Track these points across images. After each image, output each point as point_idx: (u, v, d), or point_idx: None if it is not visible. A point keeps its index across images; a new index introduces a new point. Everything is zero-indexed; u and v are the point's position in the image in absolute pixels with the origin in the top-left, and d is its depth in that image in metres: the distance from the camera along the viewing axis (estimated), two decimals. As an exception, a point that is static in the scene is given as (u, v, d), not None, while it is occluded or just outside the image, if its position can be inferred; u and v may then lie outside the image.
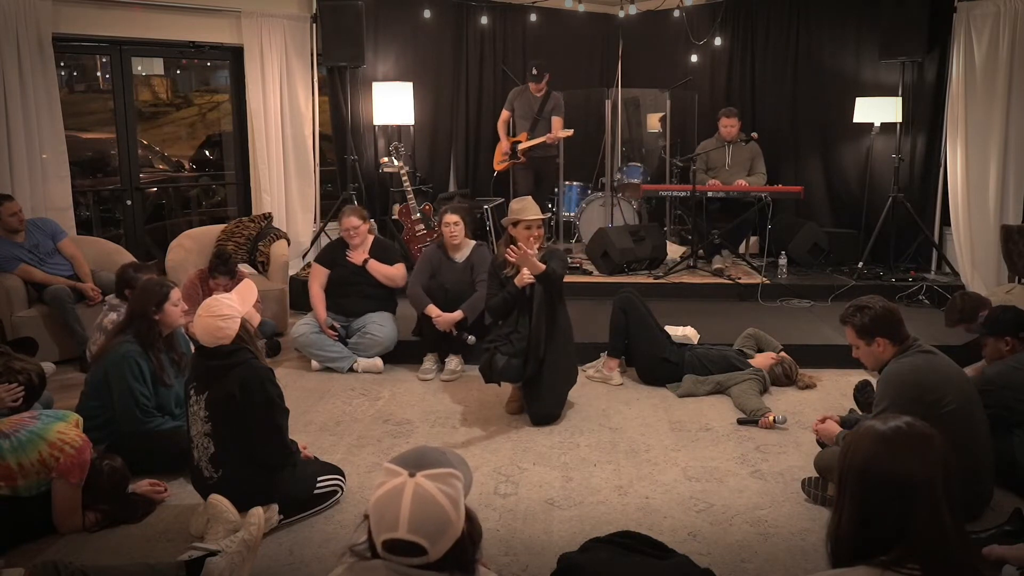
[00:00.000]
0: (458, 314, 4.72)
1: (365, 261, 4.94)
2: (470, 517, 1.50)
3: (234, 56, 6.72)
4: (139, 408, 3.38)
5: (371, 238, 5.08)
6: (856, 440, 1.56)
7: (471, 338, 4.79)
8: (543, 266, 3.85)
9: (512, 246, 3.97)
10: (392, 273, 4.98)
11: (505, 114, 7.09)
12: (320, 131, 7.27)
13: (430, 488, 1.42)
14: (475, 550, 1.50)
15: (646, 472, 3.53)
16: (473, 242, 5.01)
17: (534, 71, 6.79)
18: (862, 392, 3.86)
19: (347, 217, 4.96)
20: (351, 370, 4.88)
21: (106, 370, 3.40)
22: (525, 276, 3.92)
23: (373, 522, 1.44)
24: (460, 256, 4.94)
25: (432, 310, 4.73)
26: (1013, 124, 5.91)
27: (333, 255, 5.05)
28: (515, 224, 4.09)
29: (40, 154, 5.59)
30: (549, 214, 4.45)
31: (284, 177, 6.91)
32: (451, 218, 4.86)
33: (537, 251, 3.96)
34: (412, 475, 1.43)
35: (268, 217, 6.33)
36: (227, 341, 2.90)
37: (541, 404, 4.04)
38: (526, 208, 4.07)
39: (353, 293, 4.97)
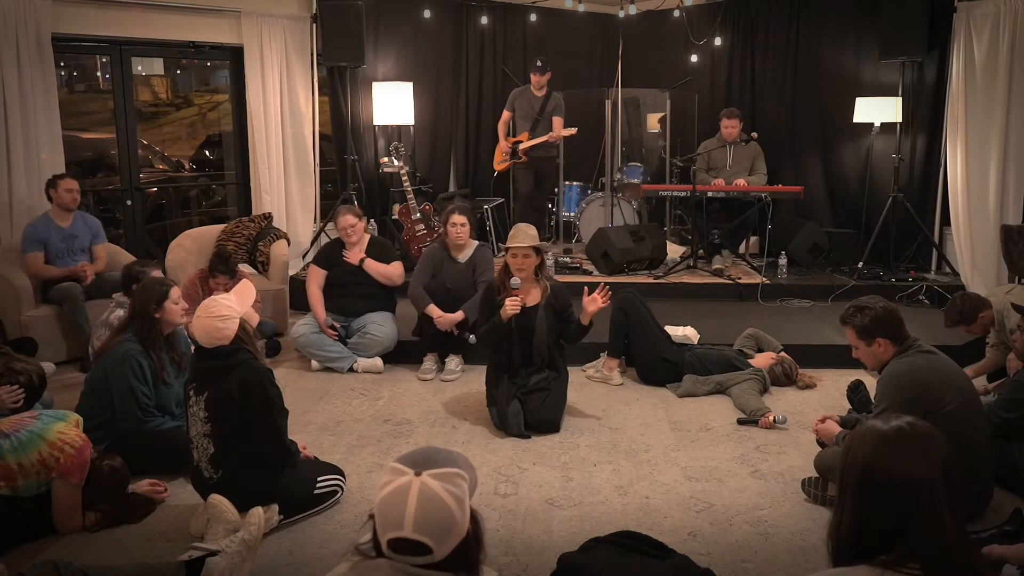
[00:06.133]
0: (459, 315, 4.72)
1: (362, 260, 4.94)
2: (475, 518, 1.49)
3: (234, 56, 6.72)
4: (139, 407, 3.38)
5: (368, 237, 5.08)
6: (858, 439, 1.56)
7: (472, 337, 4.78)
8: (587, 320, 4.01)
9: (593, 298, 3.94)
10: (389, 272, 4.98)
11: (506, 115, 7.09)
12: (320, 131, 7.28)
13: (436, 487, 1.42)
14: (479, 550, 1.50)
15: (646, 472, 3.53)
16: (476, 242, 5.01)
17: (539, 63, 6.79)
18: (855, 392, 3.86)
19: (343, 216, 4.96)
20: (351, 370, 4.88)
21: (107, 369, 3.40)
22: (509, 308, 3.94)
23: (378, 521, 1.44)
24: (463, 256, 4.94)
25: (433, 310, 4.72)
26: (1013, 124, 5.91)
27: (330, 255, 5.04)
28: (507, 250, 4.11)
29: (38, 154, 5.58)
30: (545, 243, 4.47)
31: (284, 177, 6.91)
32: (458, 219, 4.86)
33: (539, 282, 4.11)
34: (418, 474, 1.43)
35: (268, 217, 6.33)
36: (226, 342, 2.90)
37: (543, 411, 4.00)
38: (515, 235, 4.07)
39: (352, 293, 4.96)
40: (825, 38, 7.12)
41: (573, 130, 6.80)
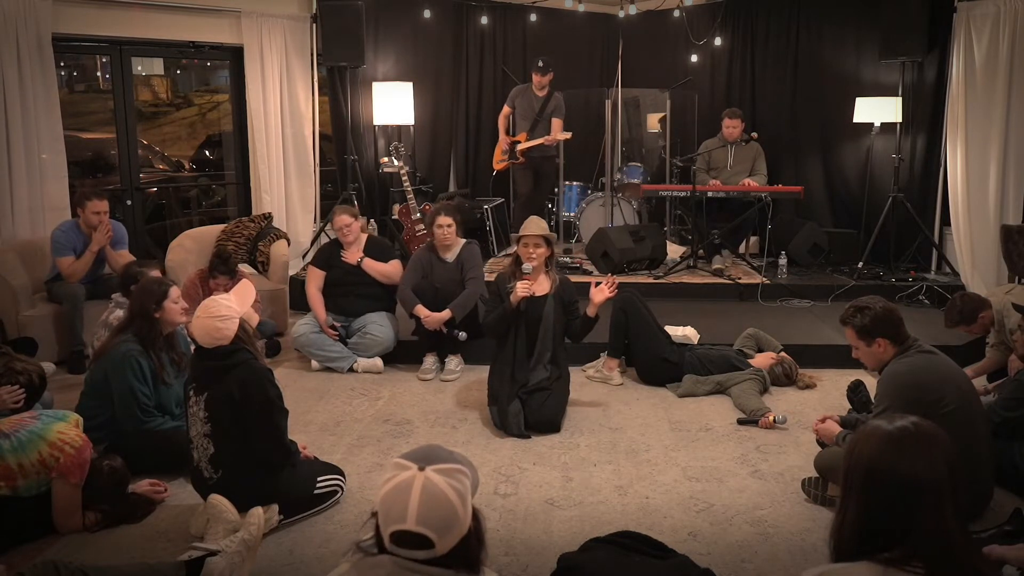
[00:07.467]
0: (446, 313, 4.70)
1: (360, 260, 4.94)
2: (476, 516, 1.51)
3: (234, 56, 6.72)
4: (139, 407, 3.38)
5: (365, 236, 5.08)
6: (862, 439, 1.56)
7: (462, 335, 4.76)
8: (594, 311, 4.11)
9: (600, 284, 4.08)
10: (388, 271, 4.98)
11: (506, 109, 7.09)
12: (320, 131, 7.28)
13: (439, 482, 1.44)
14: (481, 549, 1.51)
15: (646, 472, 3.53)
16: (463, 240, 5.00)
17: (540, 63, 6.79)
18: (855, 392, 3.86)
19: (339, 216, 4.97)
20: (351, 370, 4.88)
21: (106, 369, 3.40)
22: (520, 291, 4.00)
23: (381, 515, 1.46)
24: (450, 255, 4.94)
25: (420, 310, 4.72)
26: (1013, 124, 5.90)
27: (328, 256, 5.04)
28: (519, 240, 4.18)
29: (39, 154, 5.58)
30: (554, 235, 4.54)
31: (284, 177, 6.91)
32: (443, 220, 4.86)
33: (549, 274, 4.19)
34: (421, 468, 1.45)
35: (268, 217, 6.33)
36: (226, 342, 2.90)
37: (544, 411, 4.01)
38: (528, 224, 4.17)
39: (351, 293, 4.96)
40: (825, 38, 7.12)
41: (568, 135, 6.80)
